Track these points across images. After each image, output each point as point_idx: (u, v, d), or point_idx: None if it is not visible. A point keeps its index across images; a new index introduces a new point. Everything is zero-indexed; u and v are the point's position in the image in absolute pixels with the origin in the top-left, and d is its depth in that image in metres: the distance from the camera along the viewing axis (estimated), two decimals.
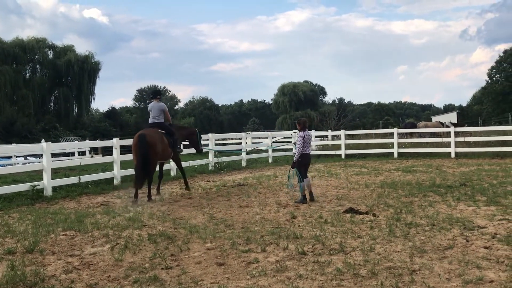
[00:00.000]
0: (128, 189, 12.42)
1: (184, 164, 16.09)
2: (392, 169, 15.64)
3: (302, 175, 9.55)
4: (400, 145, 21.28)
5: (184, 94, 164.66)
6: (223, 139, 32.33)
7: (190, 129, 12.77)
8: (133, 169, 10.56)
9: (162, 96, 11.69)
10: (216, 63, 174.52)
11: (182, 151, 11.73)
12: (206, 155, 17.80)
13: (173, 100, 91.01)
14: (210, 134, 18.38)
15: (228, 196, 10.61)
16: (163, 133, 10.97)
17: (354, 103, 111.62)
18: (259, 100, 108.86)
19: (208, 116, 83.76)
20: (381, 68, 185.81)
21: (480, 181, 11.57)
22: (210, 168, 17.25)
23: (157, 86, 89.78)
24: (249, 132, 31.03)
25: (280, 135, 30.22)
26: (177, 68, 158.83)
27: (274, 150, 22.56)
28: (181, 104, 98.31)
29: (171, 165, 15.55)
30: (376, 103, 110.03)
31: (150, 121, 11.16)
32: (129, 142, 19.79)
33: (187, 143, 12.97)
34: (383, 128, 49.29)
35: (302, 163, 9.60)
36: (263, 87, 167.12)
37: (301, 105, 76.89)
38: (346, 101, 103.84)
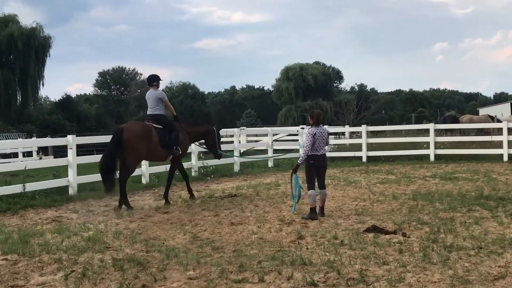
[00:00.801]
0: (87, 201, 12.40)
1: (161, 168, 16.22)
2: (428, 176, 15.69)
3: (309, 183, 9.63)
4: (438, 145, 21.36)
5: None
6: None
7: (206, 127, 13.13)
8: (93, 175, 10.75)
9: (159, 82, 12.46)
10: (201, 38, 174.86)
11: (178, 152, 11.97)
12: (188, 156, 17.79)
13: (145, 86, 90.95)
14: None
15: (216, 210, 10.61)
16: (158, 128, 11.54)
17: (378, 91, 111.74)
18: (256, 87, 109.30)
19: (191, 107, 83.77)
20: (413, 46, 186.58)
21: None
22: (193, 173, 17.26)
23: (126, 68, 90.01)
24: (244, 127, 31.14)
25: (283, 131, 30.35)
26: (150, 45, 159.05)
27: (276, 151, 22.59)
28: None
29: (142, 170, 15.55)
30: (407, 91, 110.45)
31: (147, 113, 11.99)
32: (88, 140, 19.82)
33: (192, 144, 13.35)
34: (416, 123, 49.37)
35: (312, 167, 9.64)
36: (262, 70, 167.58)
37: (311, 93, 77.07)
38: (368, 88, 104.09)
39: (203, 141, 13.29)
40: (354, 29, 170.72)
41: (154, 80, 12.22)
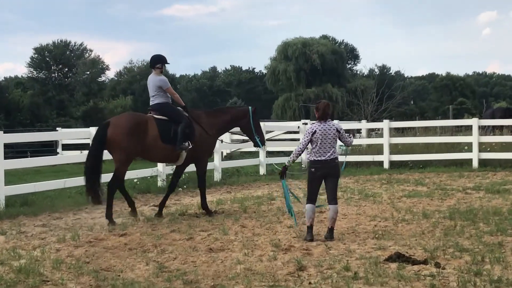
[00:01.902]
0: (18, 219, 12.35)
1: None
2: (469, 187, 15.78)
3: (308, 195, 9.82)
4: (484, 147, 21.48)
5: (116, 56, 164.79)
6: None
7: (236, 110, 13.48)
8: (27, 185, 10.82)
9: (165, 65, 13.30)
10: (171, 3, 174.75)
11: (187, 147, 12.37)
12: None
13: (97, 66, 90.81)
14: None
15: (190, 231, 10.61)
16: (161, 120, 12.26)
17: (406, 75, 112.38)
18: (244, 69, 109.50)
19: None
20: (451, 16, 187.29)
21: None
22: (160, 183, 17.25)
23: (71, 42, 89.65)
24: None
25: (279, 128, 30.37)
26: (104, 12, 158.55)
27: (268, 154, 22.64)
28: (110, 73, 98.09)
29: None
30: (444, 75, 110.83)
31: (150, 103, 12.75)
32: (20, 138, 19.83)
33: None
34: (454, 117, 49.70)
35: (315, 176, 9.78)
36: (252, 46, 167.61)
37: (317, 76, 77.21)
38: (392, 71, 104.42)
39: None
40: None
41: (157, 61, 12.92)
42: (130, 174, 16.88)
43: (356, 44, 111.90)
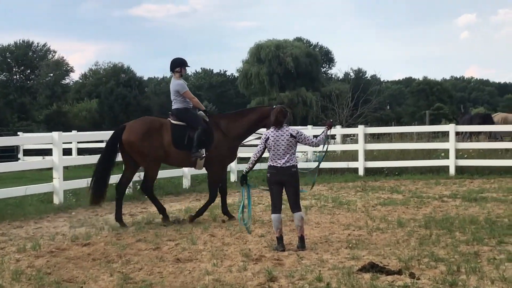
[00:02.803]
0: None
1: (81, 182, 16.09)
2: (446, 195, 15.91)
3: (272, 203, 9.90)
4: (461, 154, 21.67)
5: (81, 57, 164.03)
6: None
7: (259, 110, 13.42)
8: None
9: (184, 68, 13.44)
10: (140, 3, 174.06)
11: (200, 155, 12.60)
12: (118, 167, 17.58)
13: (61, 68, 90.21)
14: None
15: (157, 241, 10.59)
16: (178, 125, 12.65)
17: (382, 79, 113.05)
18: (215, 71, 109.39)
19: (123, 98, 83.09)
20: (429, 19, 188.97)
21: None
22: (127, 190, 17.13)
23: (33, 43, 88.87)
24: None
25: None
26: (69, 11, 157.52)
27: (240, 160, 22.60)
28: (75, 76, 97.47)
29: (54, 186, 15.41)
30: (420, 79, 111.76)
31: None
32: None
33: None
34: (431, 123, 50.04)
35: (272, 182, 9.90)
36: (223, 48, 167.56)
37: (290, 80, 77.48)
38: (368, 75, 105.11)
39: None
40: None
41: (175, 65, 13.14)
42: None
43: (331, 47, 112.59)
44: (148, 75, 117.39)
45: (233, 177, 21.23)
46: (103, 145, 31.86)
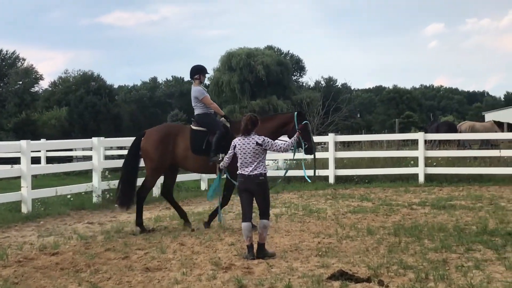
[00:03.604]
0: None
1: (50, 191, 15.96)
2: (415, 203, 16.01)
3: (242, 211, 10.04)
4: (430, 162, 21.82)
5: (50, 65, 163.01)
6: (120, 148, 32.03)
7: (280, 117, 13.40)
8: None
9: (204, 75, 13.84)
10: (110, 10, 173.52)
11: (217, 159, 12.50)
12: (88, 175, 17.54)
13: (30, 76, 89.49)
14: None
15: (126, 250, 10.54)
16: (198, 131, 12.84)
17: (352, 88, 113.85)
18: (186, 79, 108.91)
19: (93, 106, 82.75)
20: (398, 28, 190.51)
21: None
22: (95, 199, 17.06)
23: (2, 50, 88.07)
24: None
25: None
26: (38, 18, 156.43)
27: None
28: (44, 84, 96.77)
29: (22, 195, 15.27)
30: (390, 88, 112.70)
31: None
32: None
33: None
34: (401, 131, 50.50)
35: (240, 190, 10.01)
36: (194, 57, 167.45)
37: (261, 88, 77.60)
38: (338, 83, 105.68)
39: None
40: (322, 2, 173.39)
41: (194, 72, 13.39)
42: (63, 190, 16.72)
43: (302, 55, 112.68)
44: (119, 83, 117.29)
45: (203, 186, 21.17)
46: (72, 153, 31.98)
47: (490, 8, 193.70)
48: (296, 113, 12.89)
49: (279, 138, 13.17)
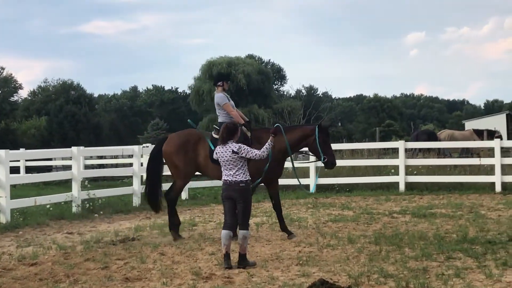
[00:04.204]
0: None
1: (29, 201, 15.87)
2: (396, 211, 16.06)
3: (224, 219, 10.05)
4: (410, 170, 21.91)
5: (30, 74, 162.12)
6: (100, 157, 31.93)
7: (303, 127, 13.34)
8: None
9: (227, 82, 13.77)
10: (90, 19, 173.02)
11: None
12: (67, 185, 17.45)
13: (9, 85, 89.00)
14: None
15: (106, 260, 10.48)
16: (216, 139, 12.18)
17: (333, 96, 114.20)
18: (167, 88, 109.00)
19: (73, 115, 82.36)
20: (379, 37, 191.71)
21: None
22: (74, 209, 16.97)
23: None
24: (148, 145, 30.84)
25: None
26: (17, 27, 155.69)
27: (192, 178, 22.51)
28: (24, 93, 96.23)
29: (1, 205, 15.15)
30: (371, 96, 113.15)
31: None
32: None
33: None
34: (381, 139, 50.70)
35: (222, 197, 10.06)
36: (175, 65, 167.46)
37: (242, 97, 77.45)
38: (319, 92, 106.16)
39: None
40: (302, 12, 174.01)
41: (217, 79, 13.60)
42: (42, 200, 16.62)
43: (283, 64, 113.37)
44: (99, 92, 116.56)
45: (184, 195, 21.10)
46: (51, 163, 31.82)
47: (469, 17, 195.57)
48: (317, 126, 12.79)
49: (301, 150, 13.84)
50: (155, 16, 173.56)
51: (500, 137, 26.64)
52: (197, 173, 13.41)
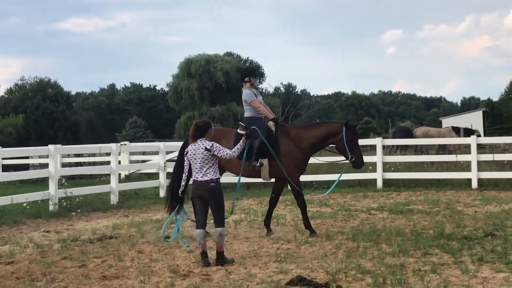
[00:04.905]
0: None
1: (5, 200, 15.76)
2: (373, 208, 16.15)
3: (196, 219, 10.00)
4: (388, 167, 22.01)
5: (6, 72, 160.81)
6: (78, 155, 31.76)
7: (331, 125, 13.13)
8: None
9: (254, 77, 13.58)
10: (67, 17, 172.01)
11: (255, 165, 12.46)
12: (44, 183, 17.34)
13: None
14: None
15: (83, 258, 10.44)
16: (240, 135, 12.28)
17: (312, 94, 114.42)
18: (145, 86, 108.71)
19: (50, 113, 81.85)
20: (357, 35, 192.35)
21: None
22: (51, 207, 16.88)
23: None
24: (126, 143, 30.77)
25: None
26: None
27: (169, 175, 22.47)
28: (0, 91, 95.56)
29: None
30: (349, 94, 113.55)
31: None
32: None
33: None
34: (359, 136, 50.63)
35: (194, 197, 10.02)
36: (153, 63, 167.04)
37: (221, 94, 77.52)
38: (298, 89, 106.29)
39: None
40: (281, 9, 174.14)
41: (244, 75, 13.40)
42: (19, 198, 16.51)
43: (261, 61, 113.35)
44: (76, 90, 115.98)
45: (162, 193, 21.06)
46: (28, 161, 31.61)
47: (446, 14, 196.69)
48: (344, 124, 12.68)
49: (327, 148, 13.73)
50: (133, 13, 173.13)
51: (479, 136, 26.89)
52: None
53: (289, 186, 13.25)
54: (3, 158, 28.96)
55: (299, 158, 12.77)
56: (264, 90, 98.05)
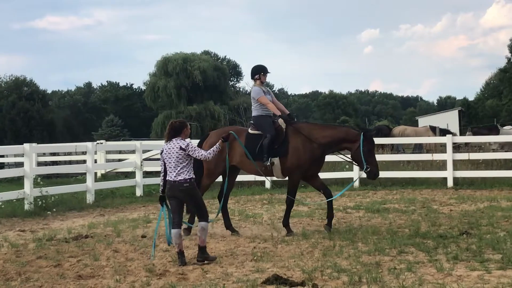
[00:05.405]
0: None
1: None
2: (350, 206, 16.22)
3: (172, 218, 9.90)
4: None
5: None
6: (53, 154, 31.60)
7: (346, 131, 12.78)
8: None
9: (265, 74, 13.20)
10: (43, 15, 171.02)
11: (267, 164, 12.37)
12: (19, 183, 17.21)
13: None
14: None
15: (58, 258, 10.39)
16: (253, 134, 12.53)
17: (289, 93, 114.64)
18: (121, 85, 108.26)
19: (26, 112, 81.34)
20: (334, 34, 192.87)
21: (492, 227, 12.34)
22: (27, 206, 16.78)
23: None
24: (102, 141, 30.65)
25: (158, 147, 30.15)
26: None
27: (146, 175, 22.45)
28: None
29: None
30: (326, 93, 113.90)
31: None
32: None
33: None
34: None
35: (169, 197, 9.95)
36: (130, 62, 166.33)
37: (198, 93, 77.43)
38: (275, 88, 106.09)
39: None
40: (258, 8, 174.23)
41: (254, 73, 13.07)
42: None
43: (239, 60, 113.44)
44: (52, 88, 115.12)
45: (138, 192, 21.01)
46: (3, 160, 31.40)
47: (423, 14, 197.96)
48: (362, 133, 12.33)
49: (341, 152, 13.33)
50: (110, 11, 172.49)
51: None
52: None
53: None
54: None
55: (307, 157, 12.42)
56: (241, 89, 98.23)
